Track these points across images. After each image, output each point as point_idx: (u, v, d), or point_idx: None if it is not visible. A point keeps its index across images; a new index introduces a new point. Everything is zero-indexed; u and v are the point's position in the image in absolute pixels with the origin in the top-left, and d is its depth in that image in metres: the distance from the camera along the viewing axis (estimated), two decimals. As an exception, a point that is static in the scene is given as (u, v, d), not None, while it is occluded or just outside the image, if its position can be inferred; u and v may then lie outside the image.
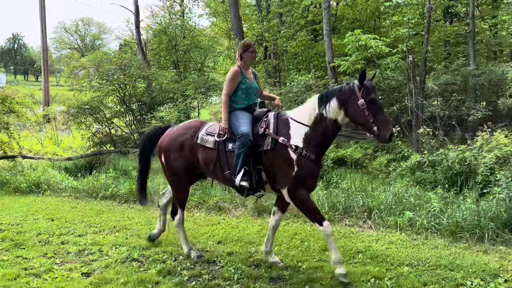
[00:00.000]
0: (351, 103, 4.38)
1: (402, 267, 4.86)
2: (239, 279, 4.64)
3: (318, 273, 4.71)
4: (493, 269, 4.71)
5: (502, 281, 4.42)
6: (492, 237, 5.57)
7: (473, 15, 13.74)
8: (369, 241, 5.79)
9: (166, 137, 5.25)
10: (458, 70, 12.78)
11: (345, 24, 17.10)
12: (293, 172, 4.46)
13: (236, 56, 5.17)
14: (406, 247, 5.53)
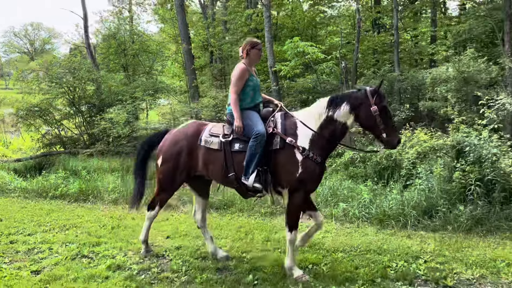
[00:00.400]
0: (364, 108, 4.21)
1: (337, 253, 5.01)
2: (187, 270, 4.59)
3: (262, 262, 4.74)
4: (415, 251, 4.96)
5: (422, 262, 4.66)
6: (414, 224, 5.86)
7: (397, 27, 14.39)
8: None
9: (166, 141, 4.82)
10: (385, 75, 13.33)
11: (285, 32, 17.34)
12: (297, 173, 4.21)
13: (240, 53, 4.66)
14: (340, 235, 5.71)
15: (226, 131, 4.53)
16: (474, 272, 4.38)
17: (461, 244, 5.13)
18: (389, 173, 7.79)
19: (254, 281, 4.27)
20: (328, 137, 4.30)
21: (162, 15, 21.32)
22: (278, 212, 6.77)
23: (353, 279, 4.24)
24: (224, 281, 4.29)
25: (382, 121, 4.17)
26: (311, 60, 11.61)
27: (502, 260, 4.62)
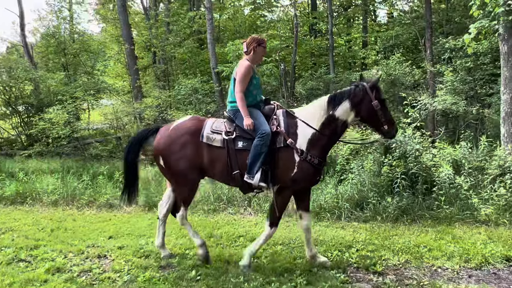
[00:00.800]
0: (365, 104, 4.12)
1: (277, 246, 5.08)
2: (130, 270, 4.45)
3: (204, 258, 4.71)
4: (348, 241, 5.15)
5: (355, 251, 4.84)
6: (347, 215, 6.09)
7: (332, 32, 14.88)
8: (249, 226, 5.95)
9: (162, 139, 4.43)
10: (321, 77, 13.75)
11: (228, 35, 17.36)
12: (292, 174, 4.14)
13: (245, 49, 4.38)
14: (280, 228, 5.74)
15: (228, 128, 4.32)
16: (400, 258, 4.62)
17: (389, 233, 5.40)
18: (326, 168, 8.01)
19: (197, 276, 4.23)
20: (329, 135, 4.23)
21: (103, 14, 20.53)
22: (220, 209, 6.76)
23: (292, 270, 4.32)
24: (167, 278, 4.21)
25: (383, 114, 4.16)
26: (252, 62, 11.67)
27: (424, 246, 4.91)
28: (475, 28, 5.69)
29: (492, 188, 5.86)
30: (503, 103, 6.44)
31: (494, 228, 5.40)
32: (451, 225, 5.59)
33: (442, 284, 3.99)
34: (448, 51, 9.92)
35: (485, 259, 4.56)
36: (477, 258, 4.55)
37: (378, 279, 4.16)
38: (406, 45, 16.12)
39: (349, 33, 20.24)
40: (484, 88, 9.15)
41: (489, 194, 5.79)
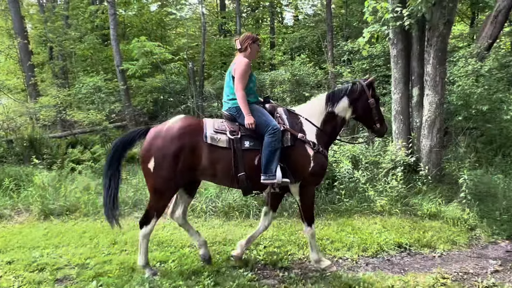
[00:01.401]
0: (362, 101, 4.25)
1: (184, 248, 4.96)
2: (20, 286, 4.02)
3: (107, 267, 4.43)
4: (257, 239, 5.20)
5: (262, 248, 4.91)
6: (256, 213, 6.15)
7: (240, 32, 15.03)
8: (156, 229, 5.70)
9: (156, 140, 4.01)
10: (231, 76, 13.80)
11: (134, 31, 16.64)
12: (309, 168, 4.07)
13: (239, 46, 4.23)
14: (189, 230, 5.67)
15: (232, 128, 4.09)
16: (305, 251, 4.78)
17: (295, 228, 5.56)
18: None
19: (98, 287, 3.96)
20: (330, 132, 4.28)
21: (-9, 5, 18.42)
22: (126, 213, 6.42)
23: (200, 272, 4.24)
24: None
25: (376, 112, 4.27)
26: (159, 60, 11.34)
27: (327, 238, 5.15)
28: (368, 33, 6.11)
29: (386, 180, 6.33)
30: (394, 102, 7.01)
31: (388, 218, 5.84)
32: (351, 217, 5.93)
33: (342, 274, 4.19)
34: (347, 53, 10.56)
35: (380, 247, 4.91)
36: (373, 247, 4.88)
37: (284, 274, 4.25)
38: (311, 47, 16.86)
39: (258, 34, 20.65)
40: (379, 88, 9.91)
41: (383, 187, 6.25)
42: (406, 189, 6.26)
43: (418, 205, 6.02)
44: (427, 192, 6.23)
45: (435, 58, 6.31)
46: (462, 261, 4.62)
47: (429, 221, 5.72)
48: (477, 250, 4.97)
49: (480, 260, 4.65)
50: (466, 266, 4.48)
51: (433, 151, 6.59)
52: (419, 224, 5.58)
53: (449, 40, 8.42)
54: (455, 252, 4.88)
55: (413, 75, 6.95)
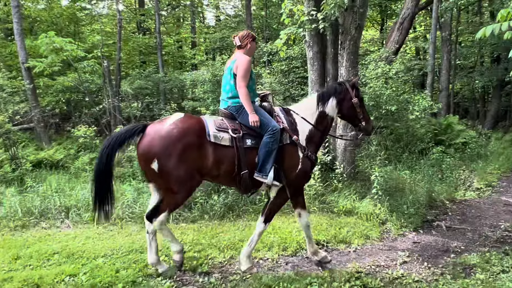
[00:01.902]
0: (347, 101, 4.40)
1: (98, 259, 4.62)
2: None
3: (7, 285, 3.98)
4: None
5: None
6: (175, 217, 5.96)
7: (159, 30, 14.57)
8: (66, 240, 5.29)
9: (158, 139, 3.77)
10: (150, 76, 13.34)
11: (43, 26, 15.39)
12: (297, 170, 4.17)
13: (238, 43, 4.23)
14: (103, 239, 5.31)
15: (233, 126, 4.05)
16: (226, 254, 4.70)
17: (216, 231, 5.46)
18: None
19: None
20: (322, 131, 4.40)
21: None
22: (31, 224, 5.86)
23: (114, 283, 3.96)
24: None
25: (361, 111, 4.44)
26: (71, 58, 10.58)
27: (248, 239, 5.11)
28: (285, 34, 6.20)
29: (305, 179, 6.47)
30: (311, 103, 7.20)
31: (307, 216, 5.96)
32: (271, 216, 5.96)
33: (263, 275, 4.17)
34: (266, 54, 10.69)
35: (300, 246, 4.97)
36: (293, 246, 4.93)
37: (204, 279, 4.13)
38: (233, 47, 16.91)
39: (179, 33, 20.22)
40: (297, 89, 10.17)
41: (302, 185, 6.38)
42: (323, 187, 6.46)
43: (335, 202, 6.23)
44: (343, 189, 6.47)
45: (348, 61, 6.59)
46: (374, 254, 4.84)
47: (344, 217, 5.94)
48: (388, 242, 5.25)
49: (390, 252, 4.91)
50: (378, 259, 4.70)
51: (348, 150, 6.88)
52: (335, 220, 5.77)
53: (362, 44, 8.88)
54: (368, 246, 5.11)
55: (329, 76, 7.19)
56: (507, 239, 5.25)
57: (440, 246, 5.08)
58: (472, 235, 5.45)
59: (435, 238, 5.37)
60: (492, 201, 7.07)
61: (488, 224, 5.90)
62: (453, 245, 5.10)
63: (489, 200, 7.19)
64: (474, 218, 6.17)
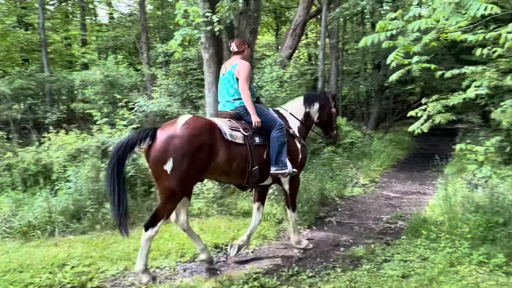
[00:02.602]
0: (327, 109, 5.15)
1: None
2: None
3: None
4: (62, 259, 4.54)
5: (69, 269, 4.31)
6: (62, 230, 5.43)
7: (43, 26, 13.33)
8: None
9: (173, 140, 3.88)
10: (33, 75, 12.12)
11: None
12: (299, 159, 4.77)
13: (235, 49, 4.64)
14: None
15: (242, 125, 4.38)
16: (119, 266, 4.40)
17: (108, 242, 5.09)
18: (40, 179, 6.99)
19: None
20: (307, 128, 5.05)
21: None
22: None
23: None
24: None
25: (335, 121, 5.16)
26: None
27: (144, 248, 4.85)
28: (180, 35, 6.04)
29: (202, 182, 6.37)
30: (208, 106, 7.12)
31: (205, 220, 5.88)
32: (168, 223, 5.75)
33: (159, 285, 3.98)
34: (162, 55, 10.39)
35: (198, 251, 4.87)
36: (191, 251, 4.80)
37: (94, 295, 3.81)
38: (128, 47, 16.13)
39: (67, 30, 18.72)
40: (195, 91, 10.04)
41: (200, 189, 6.28)
42: (222, 189, 6.43)
43: (233, 204, 6.24)
44: (241, 191, 6.50)
45: (244, 64, 6.65)
46: (272, 254, 4.94)
47: (243, 218, 5.97)
48: (284, 241, 5.40)
49: (287, 251, 5.05)
50: (275, 258, 4.81)
51: (246, 152, 6.94)
52: (234, 222, 5.77)
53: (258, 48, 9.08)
54: (266, 246, 5.20)
55: (225, 79, 7.19)
56: (388, 231, 5.75)
57: (331, 241, 5.37)
58: (359, 229, 5.86)
59: (327, 234, 5.66)
60: (376, 196, 7.72)
61: (372, 217, 6.40)
62: (342, 239, 5.43)
63: (373, 195, 7.84)
64: (360, 213, 6.66)
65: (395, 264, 4.46)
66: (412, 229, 5.46)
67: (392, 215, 6.34)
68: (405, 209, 6.74)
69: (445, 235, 5.03)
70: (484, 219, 5.03)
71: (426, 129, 5.99)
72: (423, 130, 5.97)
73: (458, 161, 9.24)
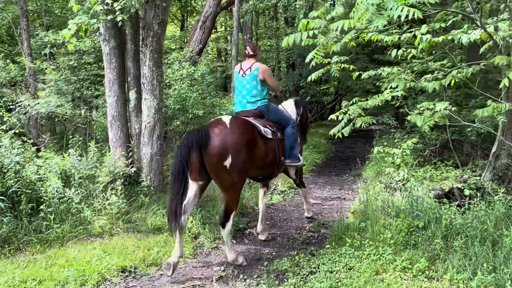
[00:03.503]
0: (306, 115, 6.56)
1: None
2: None
3: None
4: None
5: None
6: None
7: None
8: None
9: (229, 137, 4.71)
10: None
11: None
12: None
13: (251, 53, 5.59)
14: None
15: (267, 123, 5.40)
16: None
17: (-14, 274, 4.60)
18: None
19: None
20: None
21: None
22: None
23: None
24: None
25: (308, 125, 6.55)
26: None
27: (34, 278, 4.46)
28: (74, 24, 5.69)
29: (105, 196, 6.08)
30: (109, 106, 6.83)
31: (109, 240, 5.60)
32: (64, 245, 5.38)
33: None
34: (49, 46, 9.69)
35: (102, 276, 4.64)
36: (94, 278, 4.56)
37: None
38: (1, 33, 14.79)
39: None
40: (90, 89, 9.53)
41: (101, 204, 5.97)
42: (128, 203, 6.19)
43: (142, 220, 6.04)
44: (151, 205, 6.33)
45: (152, 60, 6.50)
46: (189, 274, 4.87)
47: (154, 236, 5.81)
48: (202, 258, 5.36)
49: (206, 269, 5.02)
50: (193, 277, 4.75)
51: (154, 159, 6.77)
52: (143, 241, 5.58)
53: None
54: (181, 265, 5.11)
55: (129, 76, 6.96)
56: (312, 240, 6.01)
57: (254, 255, 5.46)
58: (281, 240, 6.03)
59: (248, 247, 5.74)
60: (296, 203, 8.01)
61: (294, 226, 6.64)
62: (265, 252, 5.55)
63: (293, 202, 8.13)
64: (282, 222, 6.86)
65: (322, 276, 4.67)
66: (336, 237, 5.76)
67: (314, 223, 6.64)
68: (327, 216, 7.10)
69: (368, 242, 5.39)
70: (405, 224, 5.50)
71: (346, 133, 6.41)
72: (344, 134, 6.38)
73: (375, 164, 9.96)
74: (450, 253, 4.92)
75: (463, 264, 4.62)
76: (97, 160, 6.70)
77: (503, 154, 7.06)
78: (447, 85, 5.82)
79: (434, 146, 10.02)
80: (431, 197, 5.99)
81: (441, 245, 5.01)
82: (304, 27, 4.81)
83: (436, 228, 5.27)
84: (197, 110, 8.98)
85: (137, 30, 6.76)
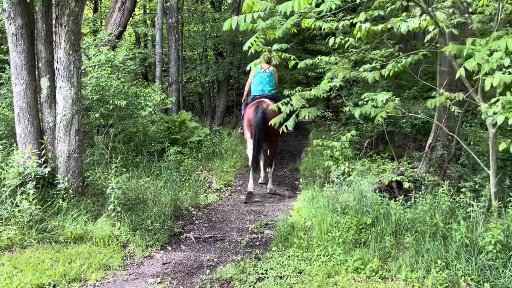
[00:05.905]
0: None
1: None
2: None
3: None
4: None
5: None
6: None
7: None
8: None
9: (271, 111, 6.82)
10: None
11: None
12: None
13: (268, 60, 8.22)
14: None
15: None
16: None
17: None
18: None
19: None
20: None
21: None
22: None
23: None
24: None
25: None
26: None
27: None
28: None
29: (13, 202, 5.44)
30: (17, 96, 6.10)
31: (21, 253, 5.01)
32: None
33: None
34: None
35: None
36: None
37: None
38: None
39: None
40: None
41: (10, 211, 5.33)
42: (42, 209, 5.58)
43: (60, 229, 5.48)
44: (70, 210, 5.75)
45: (68, 42, 5.90)
46: (120, 289, 4.47)
47: (75, 246, 5.29)
48: (134, 269, 4.96)
49: (139, 282, 4.64)
50: (125, 294, 4.36)
51: (72, 158, 6.18)
52: (63, 253, 5.06)
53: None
54: (110, 279, 4.69)
55: (41, 61, 6.29)
56: (256, 242, 5.80)
57: (193, 263, 5.15)
58: (222, 244, 5.76)
59: (186, 254, 5.41)
60: (234, 202, 7.77)
61: (235, 228, 6.39)
62: (206, 259, 5.25)
63: (231, 201, 7.88)
64: (221, 224, 6.58)
65: (271, 282, 4.49)
66: (281, 238, 5.61)
67: (256, 223, 6.43)
68: (270, 215, 6.93)
69: (316, 242, 5.30)
70: (354, 221, 5.47)
71: (291, 127, 6.27)
72: (288, 128, 6.23)
73: (312, 157, 9.99)
74: (401, 251, 4.96)
75: (416, 261, 4.66)
76: (2, 160, 5.99)
77: (439, 146, 7.32)
78: (386, 76, 5.86)
79: (370, 138, 10.26)
80: (375, 191, 6.03)
81: (392, 242, 5.04)
82: (249, 8, 4.57)
83: (386, 224, 5.29)
84: (119, 100, 8.43)
85: (50, 7, 6.11)
